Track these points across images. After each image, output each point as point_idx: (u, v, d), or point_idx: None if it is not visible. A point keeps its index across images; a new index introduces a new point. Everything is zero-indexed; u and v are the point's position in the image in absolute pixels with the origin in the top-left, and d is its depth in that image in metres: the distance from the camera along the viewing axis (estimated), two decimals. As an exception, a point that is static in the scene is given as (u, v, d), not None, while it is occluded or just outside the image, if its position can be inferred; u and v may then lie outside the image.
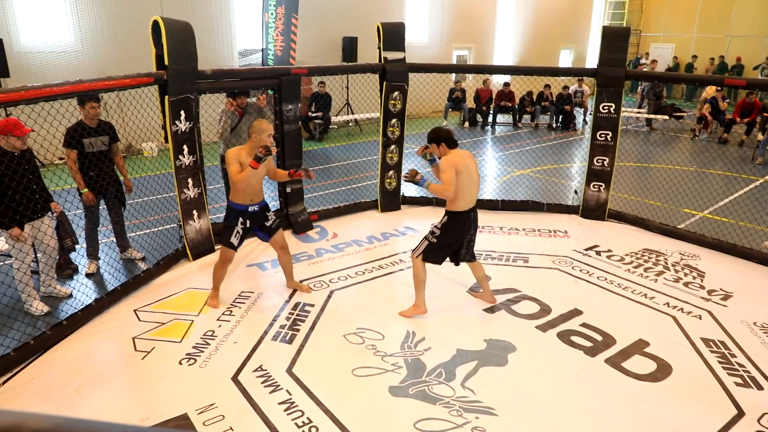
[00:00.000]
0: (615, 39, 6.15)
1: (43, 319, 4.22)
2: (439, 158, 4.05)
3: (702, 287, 4.88)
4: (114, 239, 5.38)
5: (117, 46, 9.63)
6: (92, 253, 5.05)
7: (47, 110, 4.19)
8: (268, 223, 4.40)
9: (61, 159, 5.45)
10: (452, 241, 4.16)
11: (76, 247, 5.05)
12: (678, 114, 13.58)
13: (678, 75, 15.41)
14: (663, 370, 3.65)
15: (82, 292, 4.65)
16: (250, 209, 4.27)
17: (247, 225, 4.29)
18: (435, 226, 4.17)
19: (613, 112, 6.25)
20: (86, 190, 4.77)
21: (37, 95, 3.49)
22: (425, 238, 4.18)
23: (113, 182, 4.99)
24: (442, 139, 4.04)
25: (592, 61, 19.35)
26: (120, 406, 3.27)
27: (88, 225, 4.97)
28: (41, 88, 3.55)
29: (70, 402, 3.28)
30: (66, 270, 4.98)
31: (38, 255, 4.51)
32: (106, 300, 4.36)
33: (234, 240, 4.25)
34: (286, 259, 4.58)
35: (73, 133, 4.67)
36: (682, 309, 4.50)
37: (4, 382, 3.45)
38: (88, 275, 4.98)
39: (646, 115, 13.87)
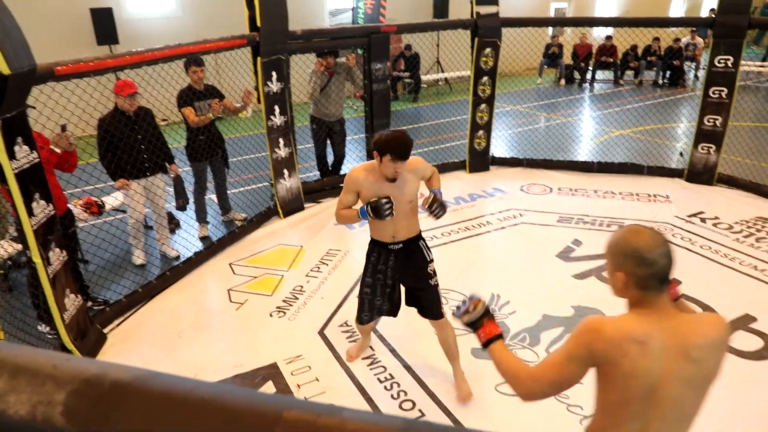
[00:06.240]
0: (737, -18, 5.51)
1: (150, 270, 4.58)
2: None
3: (825, 261, 4.41)
4: (216, 200, 5.52)
5: (214, 11, 9.96)
6: (202, 218, 5.23)
7: (151, 75, 4.39)
8: None
9: (164, 120, 5.76)
10: None
11: (186, 207, 5.15)
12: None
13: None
14: (772, 349, 3.37)
15: (190, 250, 4.80)
16: None
17: None
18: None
19: (730, 66, 5.66)
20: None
21: (140, 60, 3.70)
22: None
23: (220, 144, 5.13)
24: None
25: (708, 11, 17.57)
26: (216, 352, 3.51)
27: (196, 190, 5.14)
28: (143, 53, 3.76)
29: (173, 346, 3.56)
30: (169, 224, 5.29)
31: (150, 211, 4.82)
32: (205, 254, 4.65)
33: None
34: None
35: (183, 95, 4.86)
36: (798, 284, 4.10)
37: (118, 325, 3.81)
38: (201, 239, 5.15)
39: (769, 69, 12.50)
